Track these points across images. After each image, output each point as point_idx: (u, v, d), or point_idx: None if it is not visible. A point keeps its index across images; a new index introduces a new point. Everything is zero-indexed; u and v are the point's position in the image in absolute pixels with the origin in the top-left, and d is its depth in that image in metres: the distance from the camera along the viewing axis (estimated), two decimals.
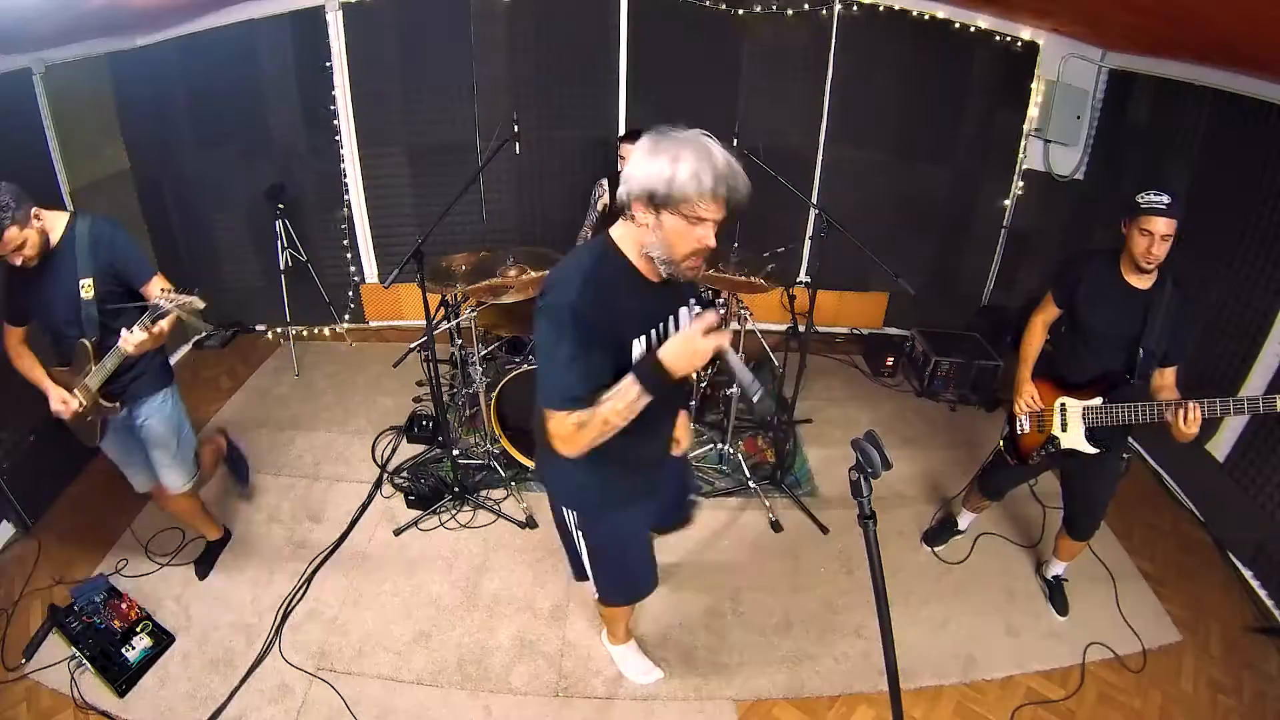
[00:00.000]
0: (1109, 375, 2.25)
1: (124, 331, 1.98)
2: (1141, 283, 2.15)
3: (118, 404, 2.23)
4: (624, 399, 1.39)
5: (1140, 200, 2.03)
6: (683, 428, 1.94)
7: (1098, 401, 2.26)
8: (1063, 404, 2.34)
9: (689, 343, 1.38)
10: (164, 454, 2.38)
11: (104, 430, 2.30)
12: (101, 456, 2.44)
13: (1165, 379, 2.20)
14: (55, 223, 2.06)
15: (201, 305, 2.02)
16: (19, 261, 1.96)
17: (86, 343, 2.09)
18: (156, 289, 2.11)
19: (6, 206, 1.87)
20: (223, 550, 2.85)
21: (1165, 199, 1.99)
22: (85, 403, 2.15)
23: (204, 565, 2.76)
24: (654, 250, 1.41)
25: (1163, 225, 2.00)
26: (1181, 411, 1.99)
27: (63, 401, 2.15)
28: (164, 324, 2.02)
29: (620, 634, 2.42)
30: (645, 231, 1.40)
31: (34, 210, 1.96)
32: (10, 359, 2.21)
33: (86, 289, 2.05)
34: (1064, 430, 2.35)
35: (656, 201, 1.34)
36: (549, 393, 1.44)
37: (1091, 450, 2.32)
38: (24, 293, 2.12)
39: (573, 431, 1.42)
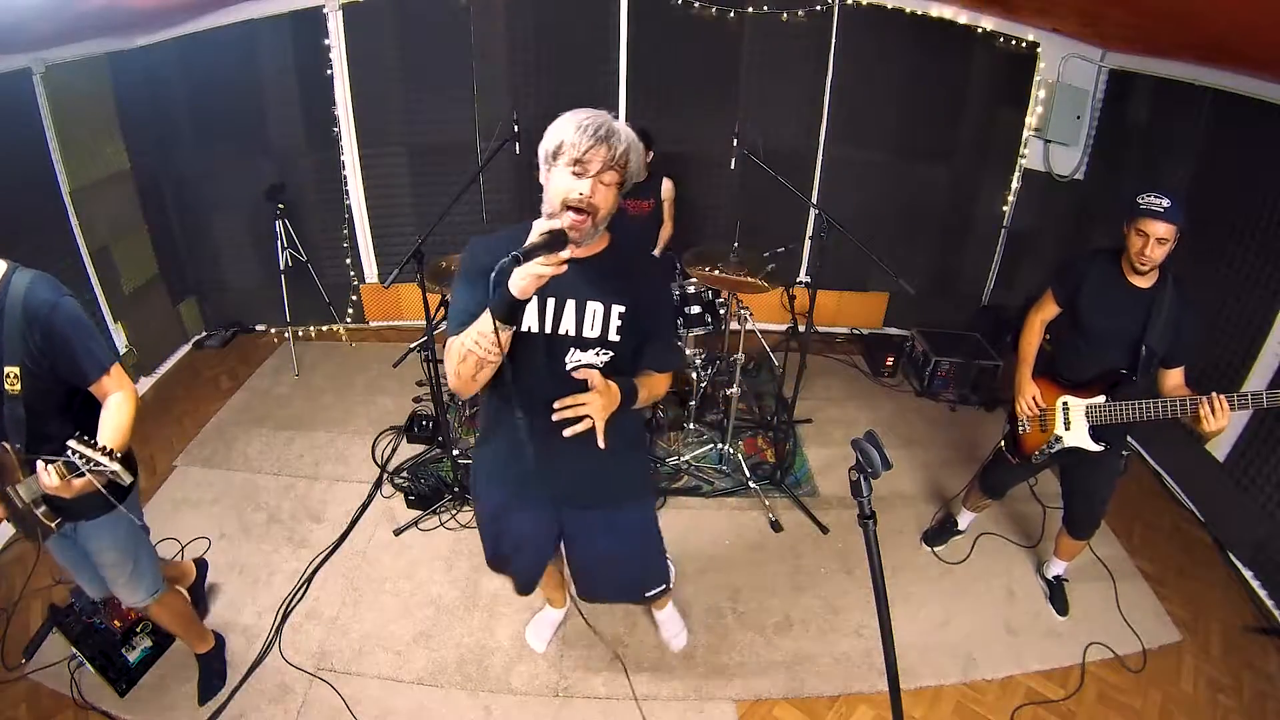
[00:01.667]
0: (1109, 373, 2.25)
1: (39, 465, 1.49)
2: (1143, 281, 2.15)
3: (56, 523, 1.71)
4: (478, 325, 1.39)
5: (1140, 201, 2.03)
6: (594, 406, 1.43)
7: (1101, 400, 2.26)
8: (1065, 403, 2.34)
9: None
10: (117, 574, 1.96)
11: (45, 533, 1.76)
12: None
13: (1175, 379, 2.20)
14: None
15: (127, 480, 1.50)
16: None
17: (8, 449, 1.57)
18: (110, 391, 1.65)
19: None
20: (205, 575, 2.67)
21: (1164, 202, 1.99)
22: (19, 506, 1.65)
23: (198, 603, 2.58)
24: (544, 208, 1.45)
25: (1160, 228, 2.00)
26: (1209, 405, 1.98)
27: None
28: (84, 482, 1.50)
29: (542, 595, 2.50)
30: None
31: None
32: None
33: (10, 381, 1.52)
34: (1067, 429, 2.35)
35: (546, 159, 1.42)
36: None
37: (1095, 448, 2.32)
38: None
39: (447, 356, 1.47)
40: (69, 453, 1.44)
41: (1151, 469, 3.61)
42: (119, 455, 1.49)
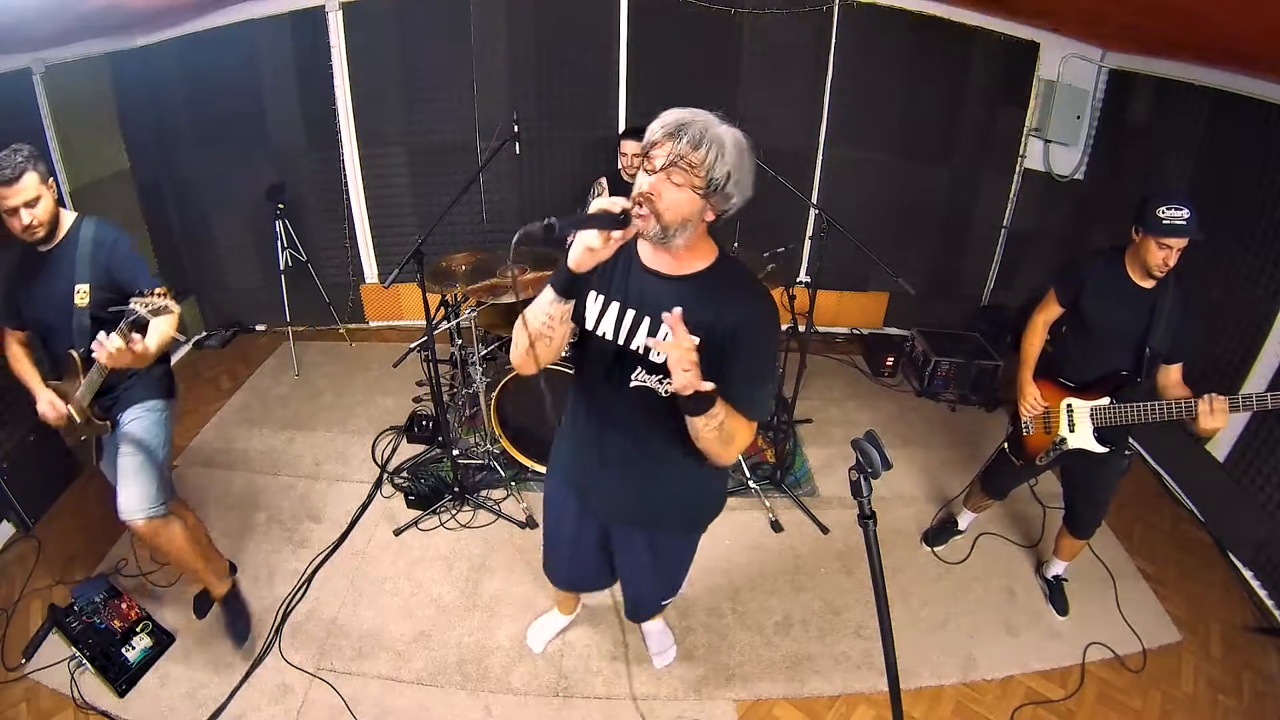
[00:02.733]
0: (1114, 375, 2.25)
1: (100, 336, 1.75)
2: (1147, 281, 2.15)
3: (109, 422, 2.11)
4: (542, 296, 1.37)
5: (1162, 217, 1.99)
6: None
7: (1105, 402, 2.26)
8: (1069, 405, 2.34)
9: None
10: (129, 462, 2.08)
11: (100, 451, 2.20)
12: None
13: (1171, 376, 2.20)
14: (63, 218, 2.00)
15: (175, 309, 1.77)
16: (29, 222, 1.85)
17: (75, 354, 1.99)
18: None
19: (30, 155, 1.83)
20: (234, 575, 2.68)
21: (1185, 214, 1.97)
22: (78, 416, 2.04)
23: (204, 603, 2.60)
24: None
25: (1183, 241, 2.00)
26: (1205, 404, 1.98)
27: (50, 404, 2.03)
28: (146, 341, 1.79)
29: (551, 597, 2.54)
30: None
31: (51, 179, 1.91)
32: (8, 361, 2.16)
33: (80, 295, 1.94)
34: (1071, 431, 2.34)
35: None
36: None
37: (1100, 449, 2.31)
38: (19, 292, 2.04)
39: (516, 327, 1.43)
40: (130, 304, 1.71)
41: (1151, 469, 3.61)
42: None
